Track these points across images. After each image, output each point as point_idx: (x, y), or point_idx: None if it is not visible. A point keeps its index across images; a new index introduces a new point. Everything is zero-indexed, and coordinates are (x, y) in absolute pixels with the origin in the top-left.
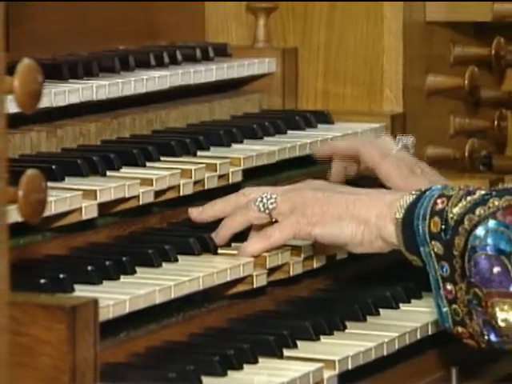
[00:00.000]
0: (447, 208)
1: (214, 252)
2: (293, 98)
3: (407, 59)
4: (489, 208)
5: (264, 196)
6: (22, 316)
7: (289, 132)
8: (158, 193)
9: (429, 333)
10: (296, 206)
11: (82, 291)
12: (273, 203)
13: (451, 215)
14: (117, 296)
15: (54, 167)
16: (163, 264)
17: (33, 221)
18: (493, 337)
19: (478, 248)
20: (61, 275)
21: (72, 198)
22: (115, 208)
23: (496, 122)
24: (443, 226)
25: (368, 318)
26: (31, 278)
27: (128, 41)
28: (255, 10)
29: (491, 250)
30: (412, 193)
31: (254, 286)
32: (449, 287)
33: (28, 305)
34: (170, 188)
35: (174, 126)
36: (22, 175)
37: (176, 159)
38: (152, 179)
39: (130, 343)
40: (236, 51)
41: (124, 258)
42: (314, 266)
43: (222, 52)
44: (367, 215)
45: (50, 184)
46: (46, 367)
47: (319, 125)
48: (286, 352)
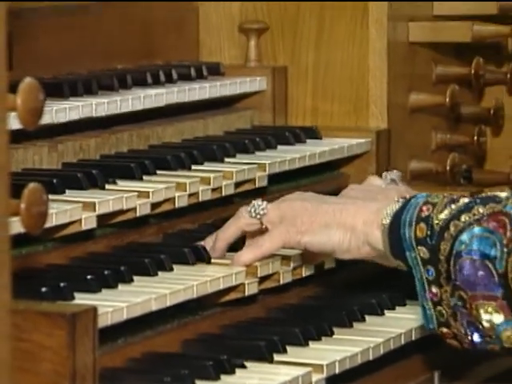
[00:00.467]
0: (432, 215)
1: (208, 261)
2: (283, 115)
3: (391, 78)
4: (474, 215)
5: (255, 203)
6: (24, 323)
7: (279, 147)
8: (155, 205)
9: (413, 338)
10: (286, 216)
11: (82, 299)
12: (263, 209)
13: (436, 221)
14: (115, 304)
15: (55, 181)
16: (159, 273)
17: (34, 232)
18: (476, 337)
19: (464, 253)
20: (61, 284)
21: (72, 210)
22: (113, 219)
23: (476, 138)
24: (429, 232)
25: (354, 325)
26: (33, 287)
27: (126, 60)
28: (247, 31)
29: (476, 255)
30: (398, 200)
31: (246, 294)
32: (434, 290)
33: (30, 312)
34: (166, 200)
35: (170, 141)
36: (25, 188)
37: (172, 173)
38: (149, 192)
39: (128, 349)
40: (229, 70)
41: (122, 268)
42: (303, 275)
43: (216, 71)
44: (354, 222)
45: (51, 197)
46: (47, 372)
47: (308, 140)
48: (277, 357)
